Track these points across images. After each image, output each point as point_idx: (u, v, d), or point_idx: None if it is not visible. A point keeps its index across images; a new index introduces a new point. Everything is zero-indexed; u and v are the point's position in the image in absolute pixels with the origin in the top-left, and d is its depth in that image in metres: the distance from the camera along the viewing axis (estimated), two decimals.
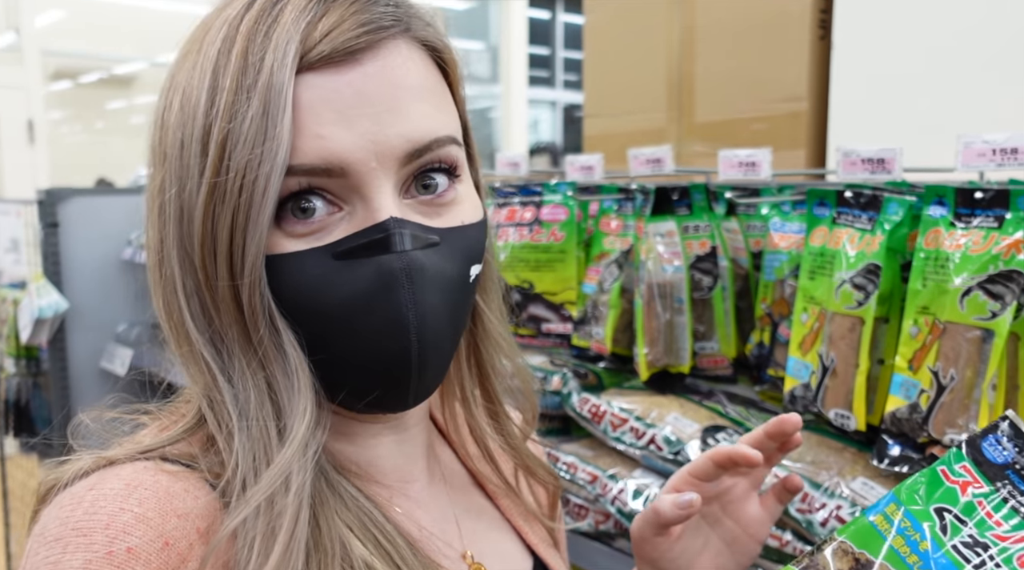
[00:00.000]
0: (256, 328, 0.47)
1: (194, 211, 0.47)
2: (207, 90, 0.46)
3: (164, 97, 0.50)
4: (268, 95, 0.45)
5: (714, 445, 1.08)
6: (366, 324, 0.48)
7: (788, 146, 1.57)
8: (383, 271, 0.47)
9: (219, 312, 0.48)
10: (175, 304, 0.50)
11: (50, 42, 5.47)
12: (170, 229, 0.48)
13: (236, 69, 0.46)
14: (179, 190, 0.47)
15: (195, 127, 0.47)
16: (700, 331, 1.26)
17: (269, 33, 0.46)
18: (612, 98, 1.92)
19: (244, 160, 0.45)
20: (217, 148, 0.45)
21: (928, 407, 0.90)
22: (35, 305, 2.49)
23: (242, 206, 0.45)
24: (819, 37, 1.54)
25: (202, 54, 0.48)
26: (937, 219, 0.91)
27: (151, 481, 0.47)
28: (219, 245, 0.46)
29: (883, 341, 0.99)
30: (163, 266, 0.50)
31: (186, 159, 0.47)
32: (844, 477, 0.97)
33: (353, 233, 0.48)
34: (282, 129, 0.45)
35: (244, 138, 0.45)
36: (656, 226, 1.24)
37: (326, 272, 0.47)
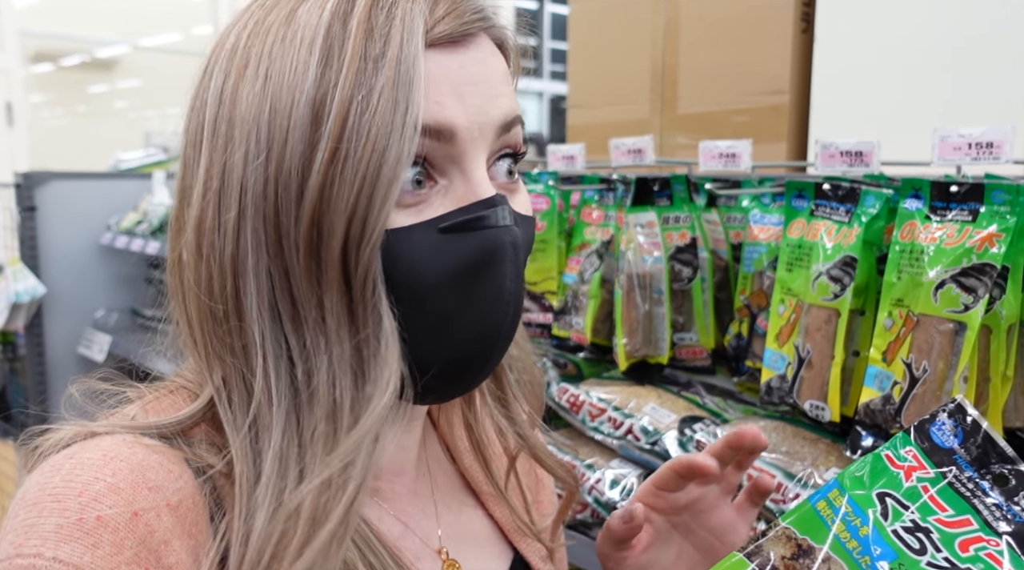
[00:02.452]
0: (362, 296, 0.47)
1: (301, 181, 0.46)
2: (318, 60, 0.46)
3: (223, 69, 0.50)
4: (399, 67, 0.46)
5: (691, 435, 1.09)
6: (470, 296, 0.49)
7: (770, 139, 1.58)
8: (493, 243, 0.49)
9: (312, 281, 0.47)
10: (227, 281, 0.49)
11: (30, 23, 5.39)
12: (248, 201, 0.47)
13: (359, 40, 0.46)
14: (268, 161, 0.47)
15: (299, 96, 0.46)
16: (679, 322, 1.27)
17: (392, 9, 0.48)
18: (596, 89, 1.91)
19: (375, 129, 0.45)
20: (338, 117, 0.45)
21: (901, 399, 0.91)
22: (12, 290, 2.46)
23: (370, 175, 0.46)
24: (802, 30, 1.54)
25: (298, 27, 0.48)
26: (913, 212, 0.92)
27: (128, 453, 0.48)
28: (336, 212, 0.46)
29: (858, 333, 0.99)
30: (215, 242, 0.49)
31: (281, 129, 0.46)
32: (818, 468, 0.97)
33: (461, 207, 0.49)
34: (416, 98, 0.46)
35: (374, 108, 0.45)
36: (636, 217, 1.24)
37: (433, 245, 0.48)
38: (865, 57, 1.45)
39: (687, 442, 1.08)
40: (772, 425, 1.07)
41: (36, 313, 2.57)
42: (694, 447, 1.06)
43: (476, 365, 0.53)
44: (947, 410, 0.53)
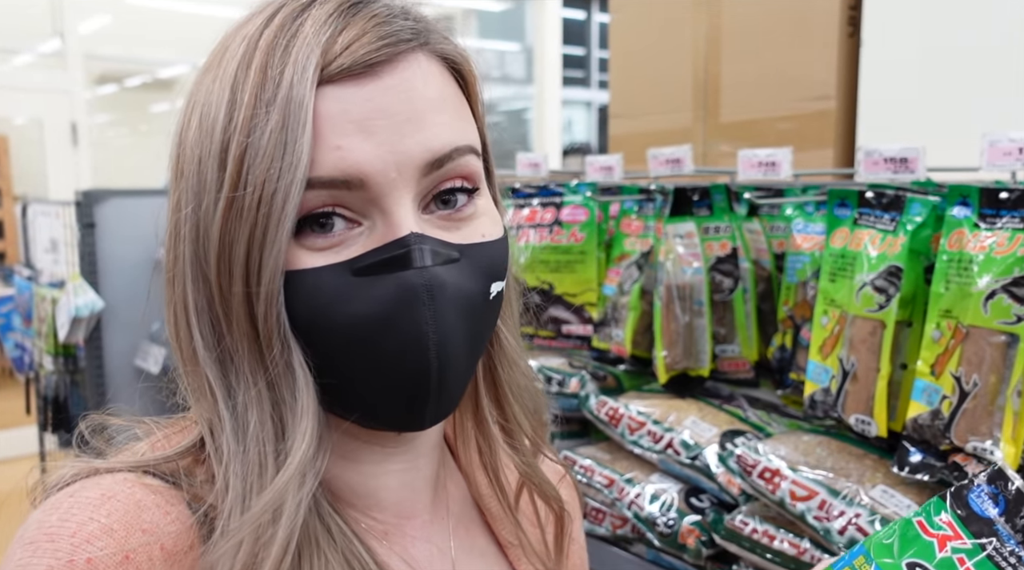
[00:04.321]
0: (269, 346, 0.46)
1: (211, 226, 0.46)
2: (226, 105, 0.46)
3: (183, 115, 0.50)
4: (288, 108, 0.45)
5: (732, 450, 1.06)
6: (385, 342, 0.47)
7: (816, 145, 1.54)
8: (403, 287, 0.46)
9: (230, 330, 0.47)
10: (184, 322, 0.49)
11: (95, 47, 5.60)
12: (184, 247, 0.48)
13: (255, 83, 0.45)
14: (195, 207, 0.47)
15: (213, 143, 0.46)
16: (721, 334, 1.24)
17: (289, 47, 0.46)
18: (637, 98, 1.90)
19: (263, 174, 0.44)
20: (235, 162, 0.45)
21: (950, 414, 0.87)
22: (72, 304, 2.55)
23: (260, 220, 0.45)
24: (848, 34, 1.51)
25: (221, 70, 0.47)
26: (961, 220, 0.89)
27: (126, 493, 0.47)
28: (235, 260, 0.46)
29: (905, 345, 0.96)
30: (175, 284, 0.50)
31: (203, 175, 0.47)
32: (864, 484, 0.94)
33: (373, 249, 0.47)
34: (302, 142, 0.44)
35: (263, 152, 0.44)
36: (675, 227, 1.22)
37: (345, 288, 0.46)
38: (913, 61, 1.41)
39: (728, 457, 1.06)
40: (817, 440, 1.04)
41: (95, 327, 2.65)
42: (734, 462, 1.03)
43: (408, 407, 0.50)
44: (987, 475, 0.49)
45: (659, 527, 1.11)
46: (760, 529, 1.00)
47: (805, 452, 1.01)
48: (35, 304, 2.92)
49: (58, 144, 4.96)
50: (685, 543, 1.09)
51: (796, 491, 0.96)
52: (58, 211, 2.84)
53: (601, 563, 1.22)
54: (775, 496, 0.98)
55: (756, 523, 1.01)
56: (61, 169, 4.95)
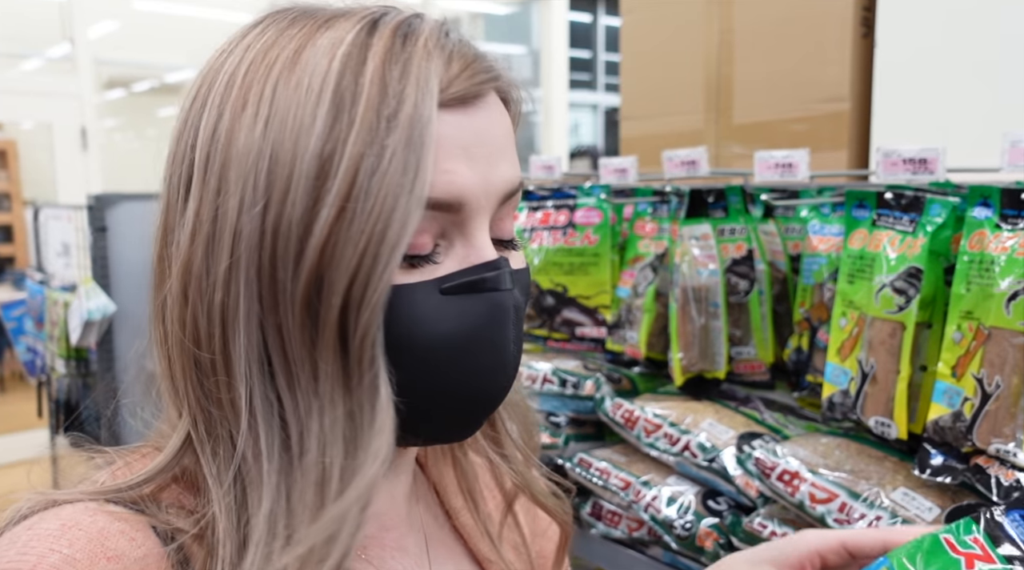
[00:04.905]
0: (359, 361, 0.45)
1: (303, 234, 0.44)
2: (325, 113, 0.44)
3: (216, 106, 0.47)
4: (412, 127, 0.45)
5: (749, 452, 1.06)
6: (473, 359, 0.49)
7: (830, 147, 1.54)
8: (497, 307, 0.49)
9: (304, 340, 0.45)
10: (215, 330, 0.46)
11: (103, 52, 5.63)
12: (241, 249, 0.45)
13: (372, 96, 0.45)
14: (265, 210, 0.45)
15: (305, 147, 0.44)
16: (736, 336, 1.24)
17: (408, 65, 0.46)
18: (649, 100, 1.89)
19: (385, 190, 0.44)
20: (347, 173, 0.44)
21: (972, 416, 0.86)
22: (84, 308, 2.56)
23: (375, 236, 0.44)
24: (862, 35, 1.50)
25: (305, 73, 0.46)
26: (982, 221, 0.88)
27: (87, 522, 0.46)
28: (338, 272, 0.44)
29: (925, 347, 0.95)
30: (203, 288, 0.47)
31: (282, 178, 0.44)
32: (884, 487, 0.94)
33: (463, 269, 0.49)
34: (426, 163, 0.45)
35: (384, 168, 0.44)
36: (691, 229, 1.22)
37: (435, 305, 0.47)
38: (928, 61, 1.41)
39: (746, 459, 1.06)
40: (835, 442, 1.03)
41: (107, 330, 2.66)
42: (752, 464, 1.03)
43: (470, 423, 0.52)
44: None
45: (676, 530, 1.10)
46: (779, 532, 1.00)
47: (824, 454, 1.01)
48: (47, 308, 2.94)
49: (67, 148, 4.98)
50: (703, 546, 1.08)
51: (816, 494, 0.95)
52: (70, 215, 2.86)
53: (617, 566, 1.22)
54: (794, 499, 0.97)
55: (775, 526, 1.01)
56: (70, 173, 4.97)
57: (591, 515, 1.25)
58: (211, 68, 0.50)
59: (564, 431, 1.30)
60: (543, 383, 1.32)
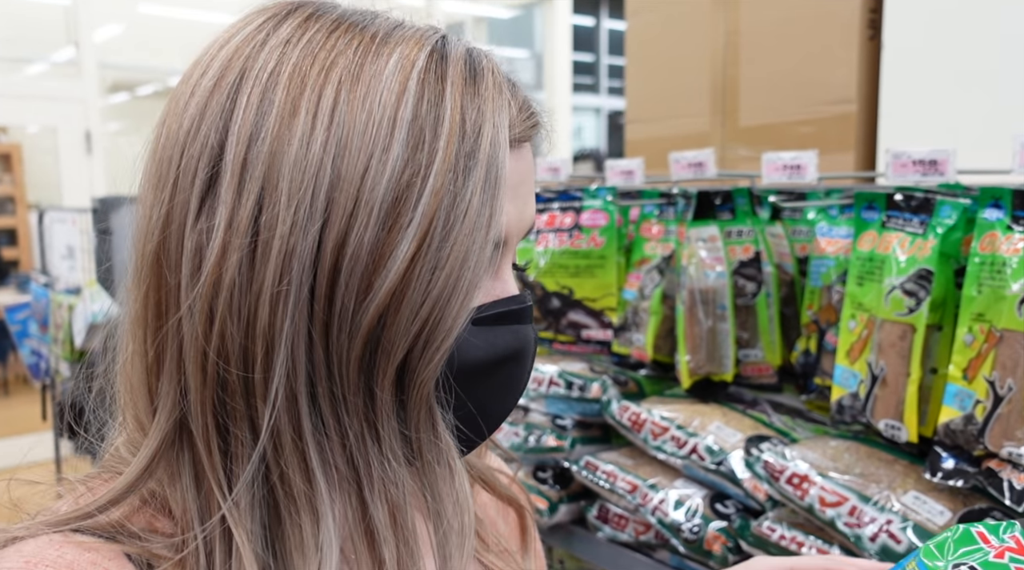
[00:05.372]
0: (420, 396, 0.45)
1: (370, 264, 0.42)
2: (405, 137, 0.42)
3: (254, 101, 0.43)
4: (489, 167, 0.44)
5: (758, 455, 1.05)
6: (500, 386, 0.50)
7: (837, 149, 1.53)
8: (524, 339, 0.51)
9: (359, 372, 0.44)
10: (257, 349, 0.43)
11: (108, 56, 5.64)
12: (293, 268, 0.42)
13: (452, 131, 0.43)
14: (326, 230, 0.42)
15: (380, 172, 0.42)
16: (744, 338, 1.23)
17: (484, 103, 0.45)
18: (654, 102, 1.89)
19: (464, 233, 0.43)
20: (428, 210, 0.42)
21: (984, 418, 0.86)
22: (89, 310, 2.56)
23: (451, 279, 0.43)
24: (868, 37, 1.50)
25: (374, 90, 0.43)
26: (993, 222, 0.88)
27: (54, 556, 0.42)
28: (407, 313, 0.43)
29: (936, 350, 0.95)
30: (240, 305, 0.43)
31: (349, 199, 0.42)
32: (895, 490, 0.93)
33: (493, 301, 0.49)
34: (501, 204, 0.45)
35: (463, 208, 0.43)
36: (698, 231, 1.21)
37: (467, 335, 0.47)
38: (935, 63, 1.40)
39: (755, 462, 1.05)
40: (845, 445, 1.03)
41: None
42: (761, 468, 1.02)
43: (469, 445, 0.52)
44: None
45: (684, 533, 1.10)
46: (788, 535, 0.99)
47: (833, 457, 1.00)
48: (51, 311, 2.94)
49: (72, 152, 4.99)
50: (711, 549, 1.08)
51: (825, 497, 0.95)
52: (74, 218, 2.86)
53: (624, 569, 1.21)
54: (804, 502, 0.96)
55: (784, 529, 1.00)
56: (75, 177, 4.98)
57: (597, 518, 1.25)
58: (237, 53, 0.45)
59: (570, 434, 1.30)
60: (549, 386, 1.32)
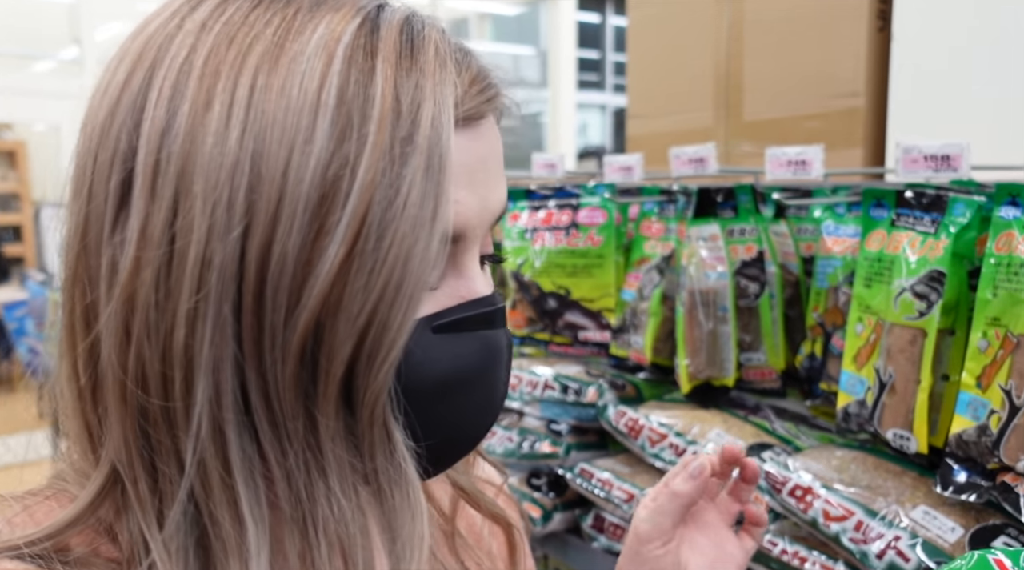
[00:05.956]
0: (371, 418, 0.40)
1: (297, 272, 0.37)
2: (329, 125, 0.37)
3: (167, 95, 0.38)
4: (431, 153, 0.38)
5: (763, 464, 1.00)
6: (458, 401, 0.44)
7: (844, 144, 1.48)
8: (494, 346, 0.45)
9: (297, 396, 0.39)
10: (175, 374, 0.38)
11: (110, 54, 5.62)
12: (211, 281, 0.37)
13: (384, 114, 0.38)
14: (246, 237, 0.37)
15: (303, 168, 0.37)
16: (746, 341, 1.18)
17: (421, 80, 0.39)
18: (656, 98, 1.84)
19: (402, 230, 0.38)
20: (359, 208, 0.37)
21: (999, 430, 0.81)
22: None
23: (392, 283, 0.38)
24: (877, 29, 1.44)
25: (294, 72, 0.38)
26: (1009, 221, 0.82)
27: None
28: (343, 323, 0.38)
29: (948, 355, 0.90)
30: (155, 323, 0.38)
31: (270, 202, 0.37)
32: (903, 505, 0.88)
33: (455, 305, 0.44)
34: (447, 194, 0.39)
35: (401, 202, 0.38)
36: (699, 229, 1.16)
37: (425, 346, 0.42)
38: (947, 56, 1.35)
39: None
40: (851, 455, 0.98)
41: None
42: (762, 479, 0.97)
43: (442, 463, 0.47)
44: None
45: None
46: (790, 550, 0.94)
47: (839, 468, 0.95)
48: (49, 308, 2.91)
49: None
50: None
51: (830, 510, 0.90)
52: None
53: None
54: (807, 515, 0.92)
55: (786, 543, 0.95)
56: None
57: (593, 528, 1.20)
58: (149, 43, 0.41)
59: (565, 440, 1.25)
60: (544, 389, 1.27)
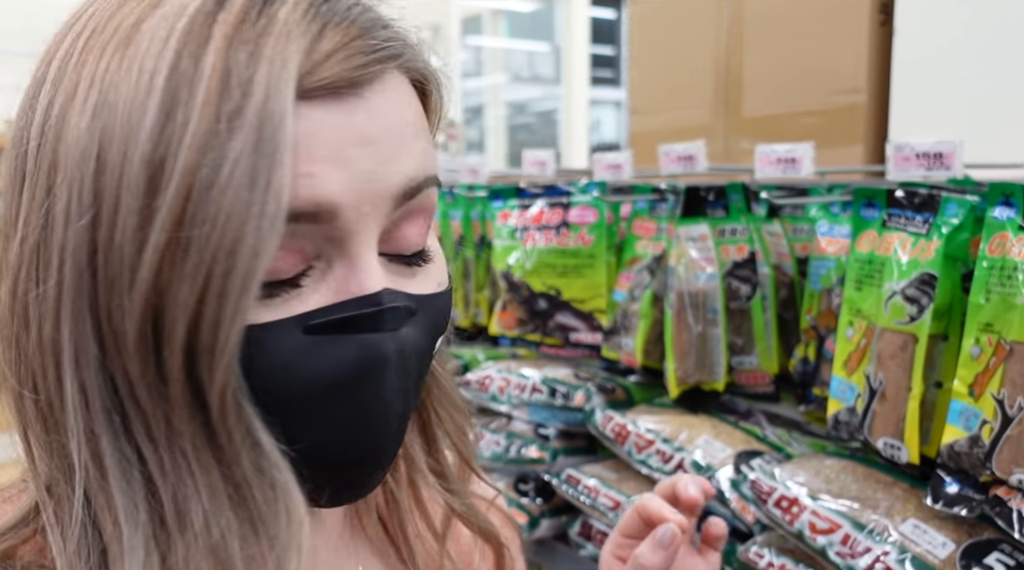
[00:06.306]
0: (224, 422, 0.37)
1: (130, 262, 0.35)
2: (156, 106, 0.35)
3: (53, 85, 0.38)
4: (262, 128, 0.35)
5: (745, 475, 0.97)
6: (340, 412, 0.40)
7: (845, 142, 1.44)
8: (373, 353, 0.39)
9: (150, 390, 0.36)
10: (48, 367, 0.37)
11: None
12: (65, 275, 0.36)
13: (211, 87, 0.35)
14: (94, 225, 0.35)
15: (133, 150, 0.35)
16: (738, 344, 1.15)
17: (260, 46, 0.36)
18: (656, 93, 1.81)
19: (227, 210, 0.34)
20: (181, 188, 0.34)
21: (991, 441, 0.77)
22: None
23: (218, 270, 0.35)
24: (880, 23, 1.40)
25: (136, 49, 0.36)
26: (1003, 222, 0.79)
27: None
28: (173, 316, 0.35)
29: (940, 361, 0.86)
30: (35, 322, 0.37)
31: (111, 188, 0.35)
32: (893, 518, 0.84)
33: (335, 303, 0.39)
34: (280, 173, 0.35)
35: (227, 181, 0.35)
36: (687, 229, 1.13)
37: (297, 348, 0.38)
38: (950, 50, 1.30)
39: (741, 482, 0.97)
40: (840, 465, 0.94)
41: None
42: (748, 488, 0.94)
43: (362, 480, 0.43)
44: None
45: None
46: (777, 563, 0.91)
47: (827, 478, 0.92)
48: None
49: None
50: None
51: (816, 523, 0.87)
52: None
53: None
54: (793, 527, 0.88)
55: (772, 556, 0.92)
56: None
57: (580, 535, 1.17)
58: (55, 36, 0.40)
59: (552, 444, 1.22)
60: (532, 392, 1.24)
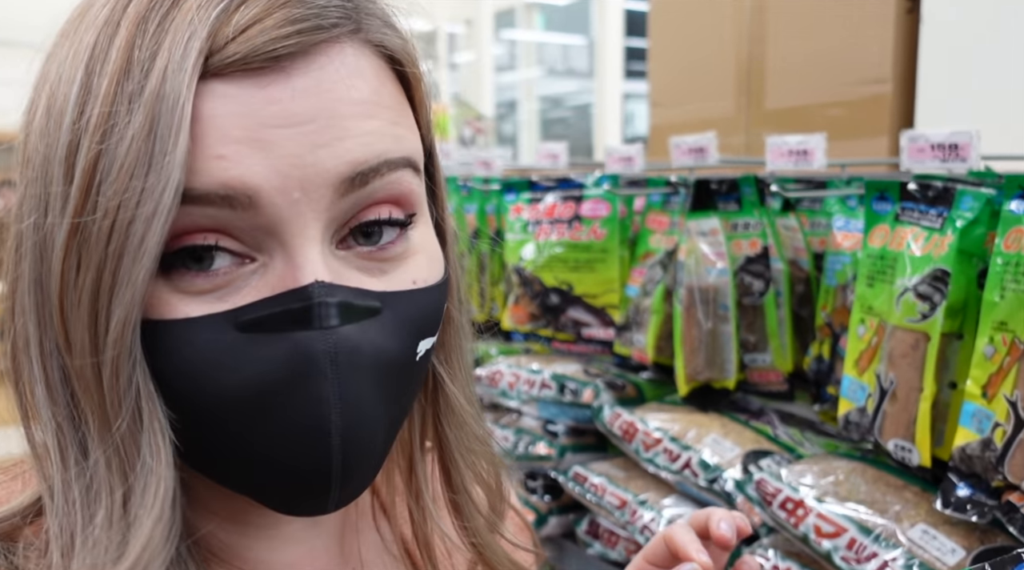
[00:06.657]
0: (116, 408, 0.36)
1: (53, 253, 0.36)
2: (77, 92, 0.35)
3: (35, 89, 0.39)
4: (157, 107, 0.34)
5: (751, 475, 0.95)
6: (274, 420, 0.37)
7: (869, 133, 1.40)
8: (300, 353, 0.36)
9: (79, 380, 0.37)
10: (25, 361, 0.38)
11: None
12: (25, 269, 0.37)
13: (116, 68, 0.34)
14: (39, 220, 0.36)
15: (59, 142, 0.35)
16: (750, 342, 1.12)
17: (164, 23, 0.35)
18: (678, 85, 1.78)
19: (118, 194, 0.33)
20: (84, 174, 0.34)
21: (1004, 444, 0.74)
22: None
23: (111, 255, 0.34)
24: (906, 11, 1.36)
25: (78, 37, 0.37)
26: (1019, 216, 0.75)
27: None
28: (79, 301, 0.35)
29: (954, 361, 0.83)
30: (14, 312, 0.39)
31: (47, 182, 0.36)
32: (901, 522, 0.82)
33: (266, 298, 0.36)
34: (174, 155, 0.33)
35: (120, 164, 0.34)
36: (698, 223, 1.11)
37: (227, 346, 0.36)
38: (978, 39, 1.26)
39: (747, 483, 0.95)
40: (850, 466, 0.91)
41: None
42: (753, 489, 0.92)
43: (315, 496, 0.40)
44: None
45: None
46: (782, 566, 0.89)
47: (836, 481, 0.89)
48: None
49: None
50: None
51: (822, 526, 0.84)
52: None
53: None
54: (798, 530, 0.86)
55: (778, 559, 0.89)
56: None
57: (588, 533, 1.16)
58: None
59: (561, 441, 1.21)
60: (541, 388, 1.23)
